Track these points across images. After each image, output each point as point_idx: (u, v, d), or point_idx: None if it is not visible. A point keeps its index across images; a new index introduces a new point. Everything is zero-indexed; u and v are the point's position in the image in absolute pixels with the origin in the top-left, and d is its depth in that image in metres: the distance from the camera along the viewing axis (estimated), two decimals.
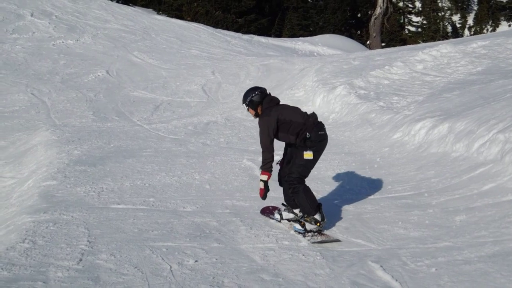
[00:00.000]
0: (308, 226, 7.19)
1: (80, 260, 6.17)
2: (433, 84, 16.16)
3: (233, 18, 45.11)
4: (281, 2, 52.32)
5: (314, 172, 10.23)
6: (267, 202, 7.98)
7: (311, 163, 7.33)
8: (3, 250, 6.35)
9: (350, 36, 47.75)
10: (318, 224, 7.14)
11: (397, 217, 7.81)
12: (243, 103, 7.65)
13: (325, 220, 7.25)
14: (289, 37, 44.18)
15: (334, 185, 9.63)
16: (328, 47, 34.99)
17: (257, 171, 10.34)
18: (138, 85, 20.79)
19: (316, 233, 7.15)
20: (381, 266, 6.14)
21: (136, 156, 11.42)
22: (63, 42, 26.74)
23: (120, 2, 40.82)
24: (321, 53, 33.07)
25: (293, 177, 7.28)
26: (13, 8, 29.37)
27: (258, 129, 7.45)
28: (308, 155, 7.20)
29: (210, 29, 33.63)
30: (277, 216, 7.75)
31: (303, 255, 6.53)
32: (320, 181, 9.80)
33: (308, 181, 9.64)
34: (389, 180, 9.72)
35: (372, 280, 5.84)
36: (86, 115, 16.53)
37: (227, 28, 41.00)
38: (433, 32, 61.88)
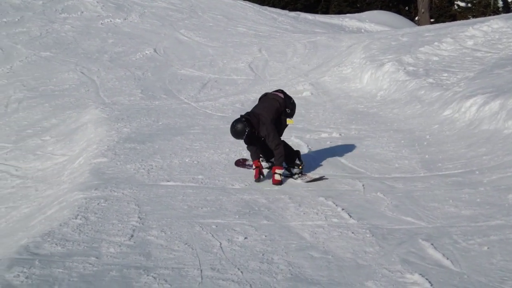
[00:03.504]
0: (293, 170, 8.78)
1: (132, 236, 6.27)
2: (484, 60, 15.82)
3: None
4: None
5: (362, 149, 10.26)
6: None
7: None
8: (56, 226, 6.49)
9: (398, 12, 46.89)
10: (300, 167, 8.74)
11: (447, 195, 7.70)
12: (242, 138, 8.40)
13: (304, 163, 8.84)
14: (336, 13, 43.64)
15: (382, 162, 9.54)
16: (375, 24, 34.51)
17: (306, 148, 10.33)
18: (185, 63, 20.86)
19: (301, 175, 8.70)
20: (432, 244, 6.07)
21: (184, 133, 11.50)
22: (111, 21, 26.95)
23: None
24: (368, 30, 32.64)
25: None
26: None
27: (305, 107, 7.56)
28: (290, 121, 8.81)
29: (256, 7, 33.47)
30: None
31: (353, 232, 6.51)
32: (369, 159, 9.72)
33: (356, 158, 9.66)
34: (439, 158, 9.59)
35: (423, 258, 5.79)
36: (135, 93, 16.69)
37: (274, 5, 40.77)
38: (484, 7, 60.45)
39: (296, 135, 11.26)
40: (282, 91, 8.87)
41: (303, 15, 34.98)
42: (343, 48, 20.84)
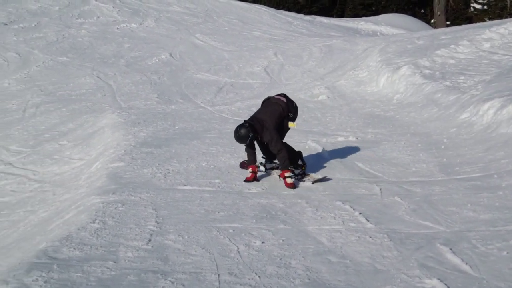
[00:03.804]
0: (296, 171, 8.87)
1: (149, 240, 6.28)
2: (501, 63, 15.72)
3: None
4: None
5: (379, 153, 10.22)
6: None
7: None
8: (74, 230, 6.51)
9: (414, 15, 46.74)
10: (303, 167, 8.93)
11: (466, 199, 7.64)
12: (245, 142, 8.60)
13: (306, 164, 9.05)
14: (351, 17, 43.61)
15: (400, 166, 9.50)
16: (391, 27, 34.43)
17: (322, 151, 10.31)
18: (201, 68, 20.92)
19: (304, 175, 8.85)
20: (450, 248, 6.02)
21: (201, 138, 11.52)
22: (127, 26, 27.11)
23: None
24: (384, 33, 32.57)
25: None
26: None
27: (322, 110, 7.55)
28: (292, 124, 8.87)
29: (271, 11, 33.51)
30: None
31: (370, 237, 6.48)
32: (386, 163, 9.68)
33: (373, 162, 9.62)
34: (457, 162, 9.52)
35: (441, 262, 5.74)
36: (151, 97, 16.75)
37: (289, 9, 40.79)
38: (500, 9, 60.10)
39: (312, 139, 11.25)
40: (284, 95, 9.03)
41: (319, 18, 34.97)
42: (359, 52, 20.81)
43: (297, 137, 11.54)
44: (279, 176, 8.70)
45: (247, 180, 8.67)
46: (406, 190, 8.19)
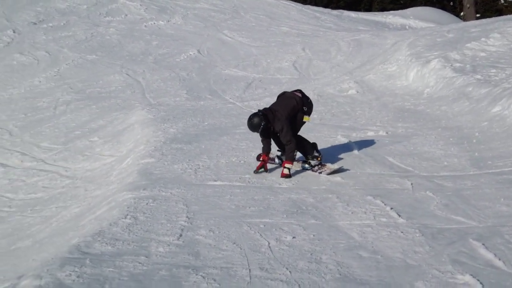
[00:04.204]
0: (312, 162, 9.08)
1: (180, 235, 6.30)
2: None
3: None
4: None
5: (410, 147, 10.15)
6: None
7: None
8: (106, 226, 6.57)
9: (443, 7, 46.28)
10: (318, 158, 9.07)
11: (498, 193, 7.54)
12: (257, 131, 8.85)
13: (321, 155, 9.18)
14: (379, 10, 43.37)
15: (431, 160, 9.41)
16: (420, 20, 34.12)
17: (352, 147, 10.26)
18: (229, 63, 20.95)
19: (320, 166, 8.99)
20: (483, 244, 5.94)
21: (230, 133, 11.54)
22: (154, 23, 27.25)
23: None
24: (413, 26, 32.30)
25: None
26: None
27: (351, 105, 7.53)
28: (307, 118, 9.04)
29: (299, 6, 33.42)
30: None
31: (402, 232, 6.42)
32: (417, 157, 9.60)
33: (404, 157, 9.55)
34: (489, 155, 9.41)
35: (474, 258, 5.67)
36: (180, 94, 16.82)
37: (316, 4, 40.68)
38: None
39: (342, 134, 11.21)
40: (300, 91, 9.20)
41: (346, 13, 34.82)
42: (387, 46, 20.65)
43: (327, 132, 11.53)
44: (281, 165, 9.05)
45: (256, 170, 8.94)
46: (437, 185, 8.11)
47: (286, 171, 8.69)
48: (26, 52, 23.40)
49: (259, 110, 8.86)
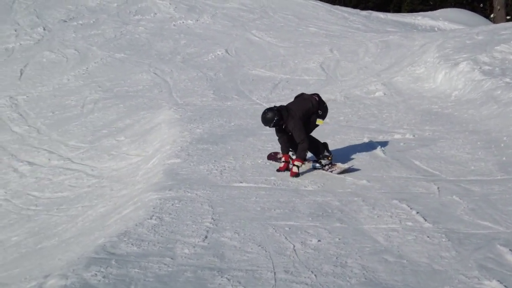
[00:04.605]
0: (323, 161, 9.14)
1: (206, 237, 6.33)
2: None
3: None
4: None
5: (436, 151, 10.07)
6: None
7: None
8: (132, 226, 6.61)
9: (473, 9, 45.86)
10: (329, 157, 9.14)
11: None
12: (270, 125, 8.98)
13: (332, 154, 9.27)
14: (408, 12, 43.08)
15: (458, 164, 9.33)
16: (449, 22, 33.82)
17: (379, 150, 10.20)
18: (256, 64, 20.96)
19: (331, 165, 9.07)
20: (510, 249, 5.89)
21: (257, 134, 11.54)
22: (183, 22, 27.37)
23: None
24: (442, 28, 32.02)
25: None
26: None
27: (378, 107, 7.51)
28: (320, 121, 9.16)
29: (327, 6, 33.32)
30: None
31: (428, 236, 6.38)
32: (444, 161, 9.52)
33: (431, 160, 9.48)
34: None
35: (501, 264, 5.63)
36: (207, 94, 16.87)
37: (345, 5, 40.55)
38: None
39: (368, 136, 11.15)
40: (317, 95, 9.34)
41: (375, 14, 34.62)
42: (416, 47, 20.50)
43: (353, 134, 11.48)
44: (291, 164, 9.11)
45: (279, 170, 9.04)
46: (464, 189, 8.04)
47: (295, 169, 8.82)
48: (56, 49, 23.65)
49: (274, 106, 9.02)
